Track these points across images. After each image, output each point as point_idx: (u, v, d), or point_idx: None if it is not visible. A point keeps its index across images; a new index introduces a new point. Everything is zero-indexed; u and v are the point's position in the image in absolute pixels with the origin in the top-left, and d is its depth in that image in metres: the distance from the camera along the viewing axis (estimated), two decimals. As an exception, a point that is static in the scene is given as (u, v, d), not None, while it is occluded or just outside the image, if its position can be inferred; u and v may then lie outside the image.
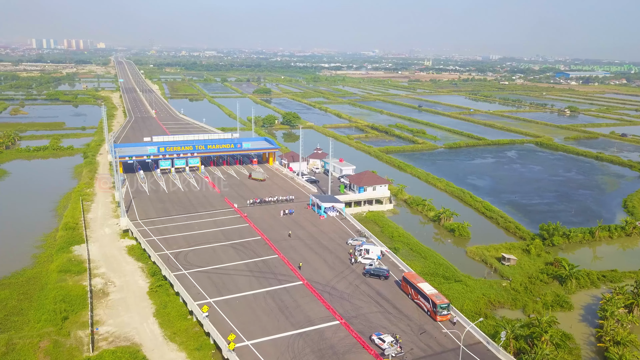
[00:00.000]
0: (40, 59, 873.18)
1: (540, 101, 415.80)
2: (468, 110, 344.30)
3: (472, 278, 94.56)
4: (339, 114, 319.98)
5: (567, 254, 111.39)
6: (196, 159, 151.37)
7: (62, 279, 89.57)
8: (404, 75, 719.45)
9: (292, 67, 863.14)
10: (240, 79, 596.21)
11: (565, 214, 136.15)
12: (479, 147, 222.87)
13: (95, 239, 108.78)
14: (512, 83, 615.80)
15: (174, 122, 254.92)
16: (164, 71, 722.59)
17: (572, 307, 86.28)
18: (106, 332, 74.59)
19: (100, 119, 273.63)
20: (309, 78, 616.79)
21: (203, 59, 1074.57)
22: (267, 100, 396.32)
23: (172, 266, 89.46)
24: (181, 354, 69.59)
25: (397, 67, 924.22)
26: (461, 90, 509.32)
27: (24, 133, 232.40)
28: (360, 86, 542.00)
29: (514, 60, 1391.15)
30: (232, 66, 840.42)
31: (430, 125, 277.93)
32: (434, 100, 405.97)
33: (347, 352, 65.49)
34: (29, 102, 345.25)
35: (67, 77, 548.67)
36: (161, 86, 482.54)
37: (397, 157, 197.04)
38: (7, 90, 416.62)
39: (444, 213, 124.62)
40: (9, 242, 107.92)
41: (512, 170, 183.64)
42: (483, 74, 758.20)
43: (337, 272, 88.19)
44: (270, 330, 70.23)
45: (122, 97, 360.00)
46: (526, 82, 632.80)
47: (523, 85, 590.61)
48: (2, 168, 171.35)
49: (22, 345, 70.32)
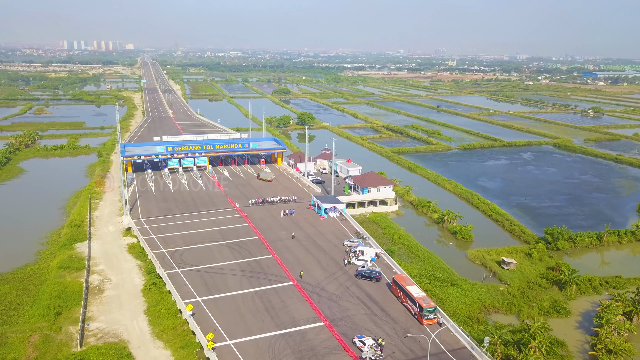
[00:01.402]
0: (69, 60, 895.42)
1: (563, 102, 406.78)
2: (487, 111, 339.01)
3: (468, 282, 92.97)
4: (355, 115, 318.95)
5: (572, 259, 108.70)
6: (204, 158, 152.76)
7: (61, 275, 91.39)
8: (427, 76, 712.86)
9: (314, 67, 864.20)
10: (262, 80, 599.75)
11: (576, 217, 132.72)
12: (493, 149, 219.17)
13: (98, 237, 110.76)
14: (537, 83, 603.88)
15: (190, 122, 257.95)
16: (187, 72, 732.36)
17: (569, 313, 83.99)
18: (96, 328, 75.82)
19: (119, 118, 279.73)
20: (329, 78, 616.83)
21: (227, 60, 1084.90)
22: (285, 100, 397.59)
23: (166, 264, 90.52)
24: (166, 352, 70.20)
25: (421, 67, 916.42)
26: (483, 91, 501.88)
27: (44, 132, 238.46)
28: (380, 86, 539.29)
29: (542, 60, 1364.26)
30: (254, 67, 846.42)
31: (446, 126, 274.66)
32: (453, 101, 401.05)
33: (327, 354, 65.08)
34: (53, 102, 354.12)
35: (93, 78, 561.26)
36: (183, 86, 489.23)
37: (408, 158, 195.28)
38: (35, 91, 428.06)
39: (448, 215, 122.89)
40: (16, 238, 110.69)
41: (526, 172, 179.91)
42: (507, 74, 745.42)
43: (329, 274, 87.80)
44: (253, 330, 70.33)
45: (143, 97, 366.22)
46: (552, 82, 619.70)
47: (548, 85, 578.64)
48: (20, 166, 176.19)
49: (13, 339, 72.05)
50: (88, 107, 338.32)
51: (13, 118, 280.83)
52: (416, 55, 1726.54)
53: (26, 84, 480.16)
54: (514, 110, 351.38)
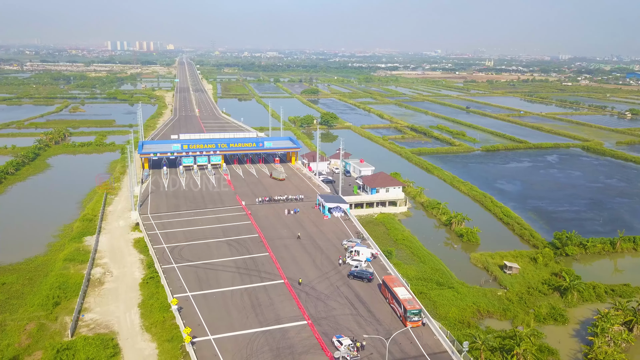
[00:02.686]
0: (110, 60, 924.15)
1: (601, 103, 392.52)
2: (518, 112, 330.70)
3: (466, 285, 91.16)
4: (381, 115, 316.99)
5: (583, 265, 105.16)
6: (218, 156, 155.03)
7: (66, 267, 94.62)
8: (461, 76, 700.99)
9: (348, 67, 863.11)
10: (293, 80, 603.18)
11: (593, 223, 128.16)
12: (518, 151, 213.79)
13: (108, 231, 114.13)
14: (576, 84, 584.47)
15: (215, 120, 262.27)
16: (222, 71, 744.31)
17: (567, 321, 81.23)
18: (90, 319, 78.18)
19: (148, 117, 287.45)
20: (361, 78, 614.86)
21: (263, 60, 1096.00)
22: (313, 100, 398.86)
23: (164, 259, 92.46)
24: (152, 345, 71.72)
25: (457, 67, 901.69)
26: (517, 92, 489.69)
27: (76, 129, 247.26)
28: (412, 87, 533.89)
29: (585, 60, 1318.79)
30: (288, 67, 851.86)
31: (473, 127, 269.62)
32: (484, 102, 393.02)
33: (304, 352, 65.12)
34: (89, 101, 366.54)
35: (130, 77, 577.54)
36: (215, 86, 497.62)
37: (428, 159, 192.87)
38: (74, 90, 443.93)
39: (455, 217, 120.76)
40: (31, 230, 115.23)
41: (548, 175, 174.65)
42: (546, 75, 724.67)
43: (322, 273, 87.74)
44: (236, 326, 71.07)
45: (174, 97, 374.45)
46: (592, 83, 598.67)
47: (587, 86, 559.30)
48: (47, 162, 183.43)
49: (11, 327, 75.14)
50: (121, 105, 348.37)
51: (49, 115, 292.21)
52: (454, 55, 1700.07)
53: (67, 83, 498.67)
54: (546, 111, 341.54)
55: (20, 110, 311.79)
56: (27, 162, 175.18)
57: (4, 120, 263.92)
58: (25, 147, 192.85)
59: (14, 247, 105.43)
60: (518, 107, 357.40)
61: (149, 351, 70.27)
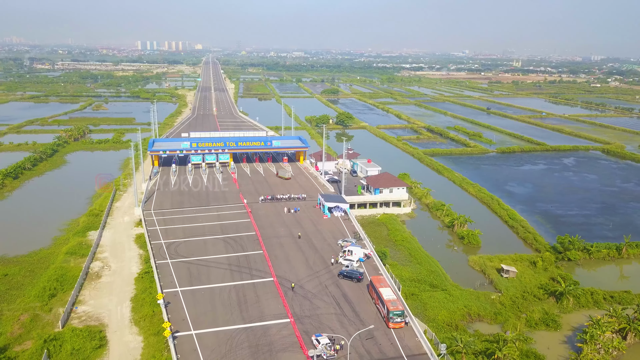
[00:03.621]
0: (138, 60, 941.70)
1: (628, 105, 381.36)
2: (540, 114, 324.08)
3: (459, 288, 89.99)
4: (399, 115, 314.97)
5: (586, 270, 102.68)
6: (226, 155, 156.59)
7: (67, 260, 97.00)
8: (486, 77, 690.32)
9: (372, 67, 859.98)
10: (315, 80, 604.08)
11: (602, 227, 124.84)
12: (534, 153, 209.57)
13: (112, 226, 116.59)
14: (605, 86, 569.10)
15: (231, 119, 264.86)
16: (246, 71, 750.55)
17: (559, 326, 79.40)
18: (83, 311, 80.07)
19: (167, 115, 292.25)
20: (384, 79, 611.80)
21: (288, 60, 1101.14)
22: (333, 100, 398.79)
23: (160, 255, 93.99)
24: (139, 338, 73.05)
25: (483, 68, 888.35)
26: (542, 93, 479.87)
27: (96, 127, 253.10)
28: (435, 87, 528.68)
29: (618, 61, 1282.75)
30: (312, 67, 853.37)
31: (491, 128, 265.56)
32: (507, 103, 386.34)
33: (282, 350, 65.43)
34: (113, 99, 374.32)
35: (156, 77, 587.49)
36: (237, 85, 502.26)
37: (440, 159, 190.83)
38: (100, 88, 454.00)
39: (458, 219, 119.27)
40: (39, 224, 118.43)
41: (562, 178, 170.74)
42: (574, 76, 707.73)
43: (313, 272, 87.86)
44: (219, 322, 71.82)
45: (196, 96, 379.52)
46: (622, 84, 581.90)
47: (616, 88, 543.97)
48: (65, 158, 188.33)
49: (6, 317, 77.54)
50: (143, 104, 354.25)
51: (72, 113, 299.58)
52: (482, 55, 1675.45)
53: (94, 82, 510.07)
54: (570, 113, 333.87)
55: (46, 108, 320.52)
56: (44, 158, 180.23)
57: (29, 117, 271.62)
58: (45, 144, 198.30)
59: (21, 240, 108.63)
60: (541, 109, 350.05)
61: (135, 344, 71.59)
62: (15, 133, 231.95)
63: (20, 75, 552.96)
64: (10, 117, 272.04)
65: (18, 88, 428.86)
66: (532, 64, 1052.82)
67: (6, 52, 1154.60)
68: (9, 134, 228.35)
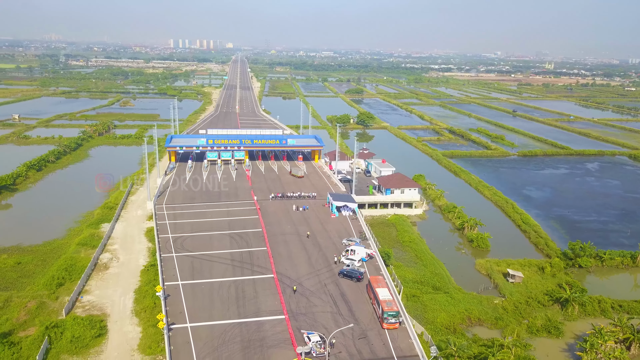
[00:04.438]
0: (169, 58, 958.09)
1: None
2: (567, 117, 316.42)
3: (462, 291, 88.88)
4: (422, 116, 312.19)
5: (598, 278, 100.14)
6: (242, 152, 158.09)
7: (77, 251, 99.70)
8: (516, 79, 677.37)
9: (400, 68, 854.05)
10: (341, 79, 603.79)
11: (619, 234, 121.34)
12: (557, 157, 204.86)
13: (125, 219, 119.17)
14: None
15: (253, 117, 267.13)
16: (274, 70, 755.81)
17: (561, 334, 77.62)
18: (87, 301, 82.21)
19: (191, 112, 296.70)
20: (410, 79, 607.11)
21: (316, 59, 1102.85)
22: (357, 100, 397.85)
23: (166, 248, 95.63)
24: (137, 329, 74.62)
25: (514, 69, 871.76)
26: (573, 96, 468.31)
27: (122, 122, 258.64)
28: (462, 88, 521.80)
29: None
30: (340, 66, 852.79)
31: (515, 131, 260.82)
32: (534, 106, 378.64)
33: (273, 346, 65.86)
34: (141, 95, 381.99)
35: (184, 74, 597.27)
36: (263, 84, 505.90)
37: (459, 161, 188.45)
38: (129, 85, 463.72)
39: (468, 222, 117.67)
40: (56, 215, 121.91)
41: (583, 183, 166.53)
42: (608, 79, 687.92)
43: (314, 270, 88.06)
44: (215, 316, 72.74)
45: (221, 93, 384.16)
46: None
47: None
48: (88, 152, 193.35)
49: (15, 303, 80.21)
50: (169, 100, 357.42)
51: (100, 109, 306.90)
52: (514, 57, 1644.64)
53: (124, 79, 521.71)
54: (599, 117, 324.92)
55: (76, 103, 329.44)
56: (68, 152, 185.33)
57: (59, 112, 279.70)
58: (70, 138, 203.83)
59: (37, 230, 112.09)
60: (569, 112, 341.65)
61: (134, 334, 73.15)
62: (44, 127, 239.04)
63: (55, 71, 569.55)
64: (41, 112, 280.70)
65: (52, 83, 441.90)
66: (566, 67, 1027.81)
67: (44, 48, 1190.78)
68: (38, 128, 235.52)
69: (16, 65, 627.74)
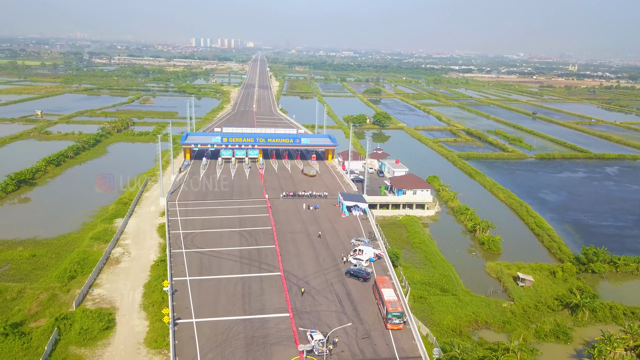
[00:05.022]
0: (190, 56, 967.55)
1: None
2: (589, 120, 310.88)
3: (470, 294, 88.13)
4: (439, 117, 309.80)
5: (611, 284, 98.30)
6: (256, 150, 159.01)
7: (91, 245, 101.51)
8: (537, 81, 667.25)
9: (420, 68, 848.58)
10: (360, 79, 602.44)
11: (635, 240, 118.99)
12: (575, 160, 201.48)
13: (138, 215, 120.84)
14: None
15: (269, 116, 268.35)
16: (293, 70, 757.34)
17: (570, 339, 76.42)
18: (98, 294, 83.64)
19: (209, 110, 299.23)
20: (430, 80, 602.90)
21: (336, 59, 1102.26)
22: (374, 100, 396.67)
23: (176, 244, 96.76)
24: (145, 322, 75.67)
25: (537, 71, 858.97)
26: (595, 99, 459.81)
27: (141, 119, 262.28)
28: (482, 90, 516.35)
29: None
30: (359, 67, 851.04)
31: (533, 133, 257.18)
32: (555, 108, 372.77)
33: (277, 343, 66.21)
34: (160, 93, 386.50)
35: (204, 73, 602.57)
36: (282, 83, 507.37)
37: (474, 163, 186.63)
38: (150, 82, 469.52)
39: (480, 224, 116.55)
40: (72, 209, 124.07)
41: (601, 187, 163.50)
42: (634, 82, 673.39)
43: (321, 269, 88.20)
44: (220, 312, 73.38)
45: (239, 92, 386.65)
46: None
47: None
48: (106, 148, 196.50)
49: (27, 295, 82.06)
50: (188, 99, 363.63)
51: (120, 106, 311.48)
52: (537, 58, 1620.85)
53: (145, 76, 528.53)
54: (622, 120, 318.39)
55: (97, 100, 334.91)
56: (87, 148, 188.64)
57: (80, 109, 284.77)
58: (89, 134, 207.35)
59: (53, 223, 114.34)
60: (591, 115, 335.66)
61: (141, 328, 74.20)
62: (65, 123, 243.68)
63: (79, 69, 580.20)
64: (62, 108, 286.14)
65: (74, 80, 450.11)
66: (590, 69, 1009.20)
67: (69, 46, 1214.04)
68: (59, 124, 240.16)
69: (41, 62, 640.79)
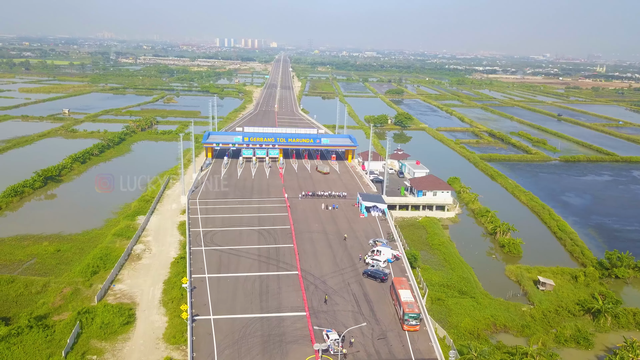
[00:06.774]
0: (214, 56, 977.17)
1: None
2: (616, 123, 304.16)
3: (489, 297, 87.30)
4: (462, 118, 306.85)
5: (637, 290, 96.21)
6: (276, 150, 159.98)
7: (113, 241, 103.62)
8: (564, 82, 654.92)
9: (444, 69, 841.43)
10: (382, 80, 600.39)
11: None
12: (601, 163, 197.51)
13: (160, 212, 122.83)
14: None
15: (290, 116, 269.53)
16: (315, 70, 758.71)
17: (591, 345, 75.10)
18: (119, 289, 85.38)
19: (232, 110, 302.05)
20: (453, 81, 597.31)
21: (359, 60, 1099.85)
22: (396, 101, 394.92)
23: (196, 242, 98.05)
24: (164, 318, 76.95)
25: (563, 72, 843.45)
26: (624, 101, 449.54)
27: (164, 118, 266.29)
28: (506, 91, 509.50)
29: None
30: (382, 67, 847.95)
31: (558, 135, 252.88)
32: (581, 110, 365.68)
33: (293, 342, 66.61)
34: (184, 93, 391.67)
35: (227, 73, 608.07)
36: (304, 83, 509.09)
37: (496, 165, 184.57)
38: (174, 82, 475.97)
39: (500, 227, 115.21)
40: (96, 206, 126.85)
41: (627, 191, 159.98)
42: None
43: (339, 269, 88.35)
44: (237, 310, 74.14)
45: (262, 92, 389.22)
46: None
47: None
48: (130, 147, 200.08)
49: (52, 288, 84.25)
50: (211, 98, 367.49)
51: (145, 105, 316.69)
52: (564, 59, 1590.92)
53: (170, 76, 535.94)
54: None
55: (123, 99, 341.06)
56: (111, 146, 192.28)
57: (106, 108, 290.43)
58: (114, 132, 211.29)
59: (78, 219, 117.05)
60: (618, 117, 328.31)
61: (160, 324, 75.49)
62: (91, 122, 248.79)
63: (105, 68, 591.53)
64: (89, 107, 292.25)
65: (101, 80, 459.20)
66: (618, 70, 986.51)
67: (97, 46, 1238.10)
68: (86, 122, 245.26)
69: (69, 62, 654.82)
